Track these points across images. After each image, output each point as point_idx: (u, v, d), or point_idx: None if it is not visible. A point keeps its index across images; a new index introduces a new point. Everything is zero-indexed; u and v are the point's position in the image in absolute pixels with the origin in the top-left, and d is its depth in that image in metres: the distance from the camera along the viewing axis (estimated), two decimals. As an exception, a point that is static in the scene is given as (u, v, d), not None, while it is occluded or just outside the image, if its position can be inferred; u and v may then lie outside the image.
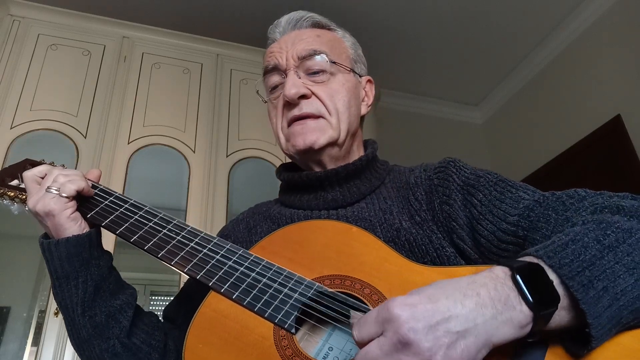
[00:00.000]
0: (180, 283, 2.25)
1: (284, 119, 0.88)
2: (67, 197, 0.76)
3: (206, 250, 0.73)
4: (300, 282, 0.67)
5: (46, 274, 0.76)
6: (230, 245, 0.74)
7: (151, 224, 0.77)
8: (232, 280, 0.69)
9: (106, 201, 0.81)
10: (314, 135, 0.84)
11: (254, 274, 0.69)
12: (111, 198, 0.82)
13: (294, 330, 0.63)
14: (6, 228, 2.32)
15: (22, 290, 2.28)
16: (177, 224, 0.77)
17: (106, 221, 0.78)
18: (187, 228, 0.77)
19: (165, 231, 0.76)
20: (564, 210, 0.66)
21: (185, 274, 0.72)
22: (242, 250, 0.73)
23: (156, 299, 2.63)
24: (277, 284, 0.67)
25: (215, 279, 0.69)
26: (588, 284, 0.51)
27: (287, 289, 0.67)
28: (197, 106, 2.65)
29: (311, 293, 0.66)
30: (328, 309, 0.64)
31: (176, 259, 0.72)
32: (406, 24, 3.09)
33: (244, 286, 0.68)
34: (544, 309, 0.50)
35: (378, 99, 3.21)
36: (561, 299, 0.51)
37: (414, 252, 0.74)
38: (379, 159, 0.93)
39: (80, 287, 0.75)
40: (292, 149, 0.86)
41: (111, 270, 0.81)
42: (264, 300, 0.65)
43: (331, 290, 0.65)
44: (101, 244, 0.81)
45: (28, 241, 2.35)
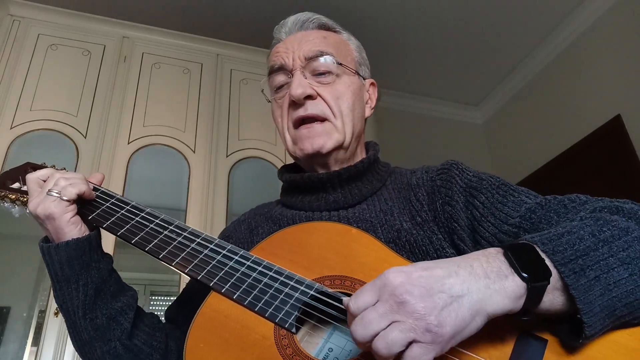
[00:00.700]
0: (180, 283, 2.25)
1: (289, 119, 0.88)
2: (68, 200, 0.76)
3: (207, 251, 0.74)
4: (300, 282, 0.68)
5: (46, 274, 0.77)
6: (230, 247, 0.75)
7: (152, 225, 0.78)
8: (233, 280, 0.69)
9: (107, 203, 0.82)
10: (321, 139, 0.84)
11: (255, 274, 0.70)
12: (112, 200, 0.83)
13: (294, 330, 0.63)
14: (6, 228, 2.32)
15: (22, 290, 2.28)
16: (178, 225, 0.78)
17: (107, 223, 0.79)
18: (187, 229, 0.78)
19: (167, 232, 0.77)
20: (565, 213, 0.67)
21: (186, 275, 0.72)
22: (242, 251, 0.74)
23: (156, 299, 2.63)
24: (277, 284, 0.68)
25: (216, 280, 0.69)
26: (580, 272, 0.52)
27: (287, 289, 0.67)
28: (197, 106, 2.65)
29: (311, 293, 0.66)
30: (328, 308, 0.64)
31: (177, 259, 0.73)
32: (406, 24, 3.09)
33: (244, 286, 0.68)
34: (535, 281, 0.51)
35: (378, 99, 3.21)
36: (554, 279, 0.52)
37: (414, 253, 0.74)
38: (381, 161, 0.94)
39: (80, 290, 0.76)
40: (300, 153, 0.87)
41: (111, 273, 0.81)
42: (264, 300, 0.66)
43: (331, 291, 0.66)
44: (101, 247, 0.81)
45: (28, 241, 2.35)
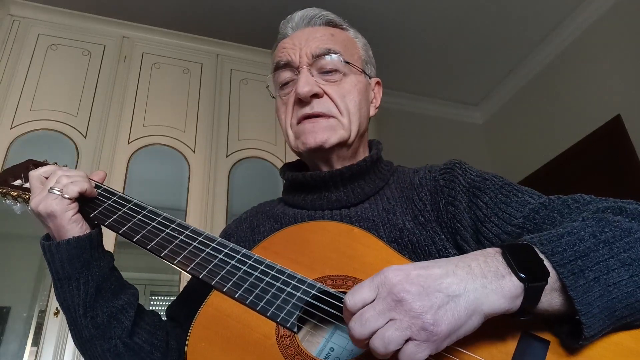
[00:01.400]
0: (180, 283, 2.25)
1: (293, 116, 0.87)
2: (70, 198, 0.76)
3: (209, 250, 0.74)
4: (302, 281, 0.67)
5: (46, 274, 0.77)
6: (232, 245, 0.74)
7: (154, 223, 0.78)
8: (235, 279, 0.69)
9: (109, 201, 0.82)
10: (325, 134, 0.84)
11: (257, 273, 0.70)
12: (114, 198, 0.82)
13: (296, 329, 0.63)
14: (6, 228, 2.32)
15: (22, 290, 2.28)
16: (180, 224, 0.78)
17: (109, 221, 0.79)
18: (189, 228, 0.77)
19: (168, 230, 0.77)
20: (568, 213, 0.67)
21: (187, 273, 0.72)
22: (244, 250, 0.73)
23: (156, 299, 2.63)
24: (279, 284, 0.68)
25: (217, 278, 0.69)
26: (579, 273, 0.52)
27: (289, 289, 0.67)
28: (197, 106, 2.65)
29: (313, 293, 0.66)
30: (330, 308, 0.64)
31: (179, 258, 0.73)
32: (406, 23, 3.09)
33: (246, 285, 0.68)
34: (533, 281, 0.51)
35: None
36: (552, 280, 0.52)
37: (416, 253, 0.74)
38: (384, 159, 0.93)
39: (81, 288, 0.75)
40: (302, 147, 0.86)
41: (112, 271, 0.81)
42: (266, 300, 0.66)
43: (333, 290, 0.66)
44: (102, 245, 0.81)
45: (28, 241, 2.35)
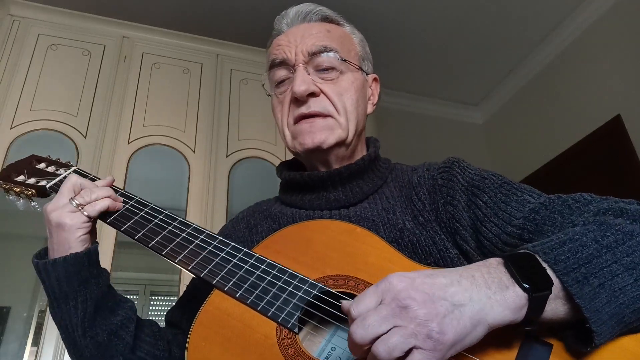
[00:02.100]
0: (180, 283, 2.24)
1: (290, 116, 0.85)
2: (88, 216, 0.74)
3: (210, 248, 0.73)
4: (303, 281, 0.67)
5: None
6: (233, 244, 0.74)
7: (156, 221, 0.78)
8: (236, 279, 0.69)
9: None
10: (322, 134, 0.82)
11: (258, 272, 0.69)
12: (121, 199, 0.82)
13: (296, 330, 0.62)
14: (6, 228, 2.32)
15: (22, 290, 2.27)
16: (181, 222, 0.78)
17: (111, 219, 0.78)
18: (191, 226, 0.77)
19: (170, 228, 0.76)
20: (569, 214, 0.66)
21: (188, 272, 0.71)
22: (245, 249, 0.73)
23: (156, 299, 2.63)
24: (280, 283, 0.67)
25: (218, 278, 0.69)
26: (583, 280, 0.52)
27: (290, 289, 0.66)
28: (197, 106, 2.65)
29: (314, 293, 0.65)
30: (331, 309, 0.64)
31: (180, 256, 0.72)
32: (406, 23, 3.09)
33: (247, 285, 0.68)
34: (537, 291, 0.51)
35: (379, 97, 3.20)
36: (556, 289, 0.52)
37: (417, 253, 0.73)
38: (381, 157, 0.92)
39: (79, 308, 0.72)
40: (300, 147, 0.84)
41: (109, 287, 0.78)
42: (267, 300, 0.65)
43: (335, 291, 0.65)
44: (99, 262, 0.77)
45: (28, 241, 2.35)
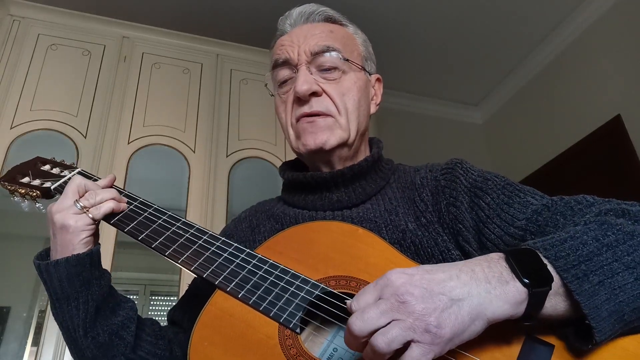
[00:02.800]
0: (180, 283, 2.24)
1: (293, 116, 0.86)
2: (93, 218, 0.74)
3: (213, 249, 0.73)
4: (305, 282, 0.67)
5: None
6: (236, 245, 0.74)
7: (160, 221, 0.78)
8: (238, 279, 0.69)
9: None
10: (324, 135, 0.82)
11: (260, 273, 0.69)
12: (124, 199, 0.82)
13: (298, 330, 0.63)
14: (6, 228, 2.32)
15: (22, 290, 2.27)
16: (184, 223, 0.78)
17: (114, 219, 0.78)
18: (194, 227, 0.77)
19: (174, 229, 0.76)
20: (571, 215, 0.66)
21: (192, 272, 0.72)
22: (248, 250, 0.73)
23: (156, 299, 2.63)
24: (282, 284, 0.67)
25: (221, 278, 0.69)
26: (583, 277, 0.52)
27: (292, 289, 0.67)
28: (197, 106, 2.65)
29: (316, 293, 0.66)
30: (333, 309, 0.64)
31: (183, 257, 0.73)
32: (406, 23, 3.09)
33: (249, 285, 0.68)
34: (537, 286, 0.51)
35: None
36: (556, 285, 0.52)
37: (419, 254, 0.73)
38: (384, 158, 0.92)
39: (81, 308, 0.72)
40: (303, 148, 0.85)
41: (110, 288, 0.78)
42: (269, 300, 0.66)
43: (337, 291, 0.65)
44: (101, 263, 0.78)
45: (28, 241, 2.35)
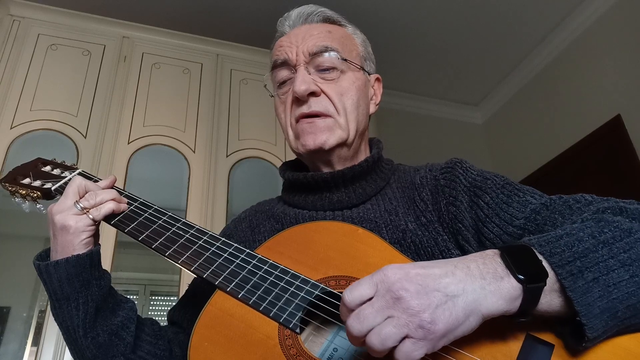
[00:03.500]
0: (180, 283, 2.24)
1: (292, 116, 0.86)
2: (93, 219, 0.74)
3: (214, 249, 0.74)
4: (305, 282, 0.67)
5: None
6: (236, 245, 0.74)
7: (160, 222, 0.78)
8: (238, 279, 0.69)
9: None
10: (323, 135, 0.82)
11: (260, 273, 0.70)
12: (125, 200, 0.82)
13: (298, 330, 0.63)
14: (6, 228, 2.32)
15: (22, 290, 2.27)
16: (184, 223, 0.78)
17: (114, 220, 0.79)
18: (194, 227, 0.77)
19: (174, 229, 0.77)
20: (570, 214, 0.66)
21: (192, 273, 0.72)
22: (248, 250, 0.73)
23: (156, 299, 2.63)
24: (282, 284, 0.68)
25: (221, 278, 0.69)
26: (577, 274, 0.52)
27: (292, 289, 0.67)
28: (197, 106, 2.65)
29: (316, 293, 0.66)
30: (333, 309, 0.64)
31: (183, 257, 0.73)
32: (406, 23, 3.09)
33: (249, 286, 0.68)
34: (532, 282, 0.51)
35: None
36: (551, 281, 0.52)
37: (419, 254, 0.74)
38: (384, 158, 0.92)
39: (81, 309, 0.72)
40: (302, 148, 0.85)
41: (110, 289, 0.79)
42: (269, 300, 0.66)
43: (336, 291, 0.65)
44: (101, 263, 0.78)
45: (28, 241, 2.35)
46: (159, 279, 2.61)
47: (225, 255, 0.73)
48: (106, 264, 2.08)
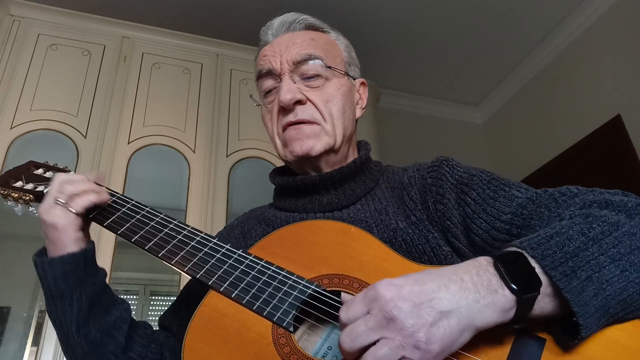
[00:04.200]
0: (181, 283, 2.25)
1: (278, 125, 0.87)
2: (76, 213, 0.75)
3: (206, 250, 0.74)
4: (298, 281, 0.67)
5: None
6: (229, 246, 0.74)
7: (153, 223, 0.78)
8: (232, 279, 0.69)
9: (115, 205, 0.81)
10: (310, 141, 0.84)
11: (253, 273, 0.70)
12: (113, 199, 0.82)
13: (291, 329, 0.63)
14: (6, 228, 2.32)
15: (22, 290, 2.28)
16: (177, 224, 0.78)
17: (108, 221, 0.79)
18: (187, 228, 0.78)
19: (167, 231, 0.77)
20: (556, 207, 0.66)
21: (185, 273, 0.72)
22: (241, 250, 0.73)
23: (156, 299, 2.63)
24: (275, 283, 0.68)
25: (214, 278, 0.69)
26: (571, 274, 0.52)
27: (285, 288, 0.67)
28: (197, 106, 2.65)
29: (309, 292, 0.66)
30: (326, 307, 0.64)
31: (176, 258, 0.73)
32: (406, 23, 3.09)
33: (242, 285, 0.68)
34: (526, 292, 0.51)
35: (378, 99, 3.21)
36: (544, 286, 0.52)
37: (411, 252, 0.74)
38: (372, 160, 0.93)
39: (74, 305, 0.73)
40: (290, 155, 0.86)
41: (105, 287, 0.79)
42: (262, 299, 0.66)
43: (330, 289, 0.66)
44: (95, 261, 0.79)
45: (28, 241, 2.35)
46: (159, 279, 2.61)
47: (218, 255, 0.73)
48: (106, 264, 2.08)
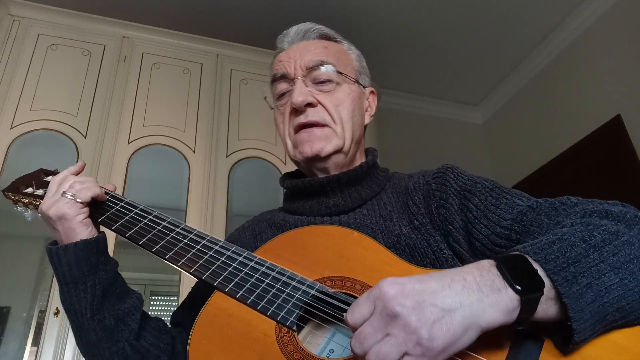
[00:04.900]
0: (180, 284, 2.25)
1: (290, 126, 0.91)
2: (82, 202, 0.79)
3: (212, 252, 0.76)
4: (302, 282, 0.69)
5: (46, 274, 0.79)
6: (235, 248, 0.77)
7: (159, 227, 0.81)
8: (237, 280, 0.71)
9: (117, 206, 0.85)
10: (320, 143, 0.87)
11: (258, 274, 0.71)
12: (121, 204, 0.85)
13: (295, 328, 0.64)
14: (6, 228, 2.32)
15: (22, 290, 2.28)
16: (184, 228, 0.81)
17: (116, 225, 0.81)
18: (193, 232, 0.80)
19: (173, 234, 0.79)
20: (556, 216, 0.68)
21: (191, 275, 0.74)
22: (246, 252, 0.75)
23: (156, 299, 2.63)
24: (280, 284, 0.69)
25: (220, 279, 0.71)
26: (572, 279, 0.53)
27: (289, 289, 0.68)
28: (197, 106, 2.65)
29: (313, 293, 0.67)
30: (330, 308, 0.65)
31: (183, 260, 0.75)
32: (406, 23, 3.10)
33: (247, 286, 0.70)
34: (529, 293, 0.52)
35: (378, 99, 3.21)
36: (547, 290, 0.53)
37: (413, 255, 0.76)
38: (379, 166, 0.96)
39: (89, 291, 0.77)
40: (300, 156, 0.89)
41: (117, 276, 0.83)
42: (267, 299, 0.67)
43: (332, 291, 0.67)
44: (107, 250, 0.83)
45: (28, 241, 2.35)
46: (159, 279, 2.62)
47: (224, 258, 0.75)
48: (106, 263, 2.08)
